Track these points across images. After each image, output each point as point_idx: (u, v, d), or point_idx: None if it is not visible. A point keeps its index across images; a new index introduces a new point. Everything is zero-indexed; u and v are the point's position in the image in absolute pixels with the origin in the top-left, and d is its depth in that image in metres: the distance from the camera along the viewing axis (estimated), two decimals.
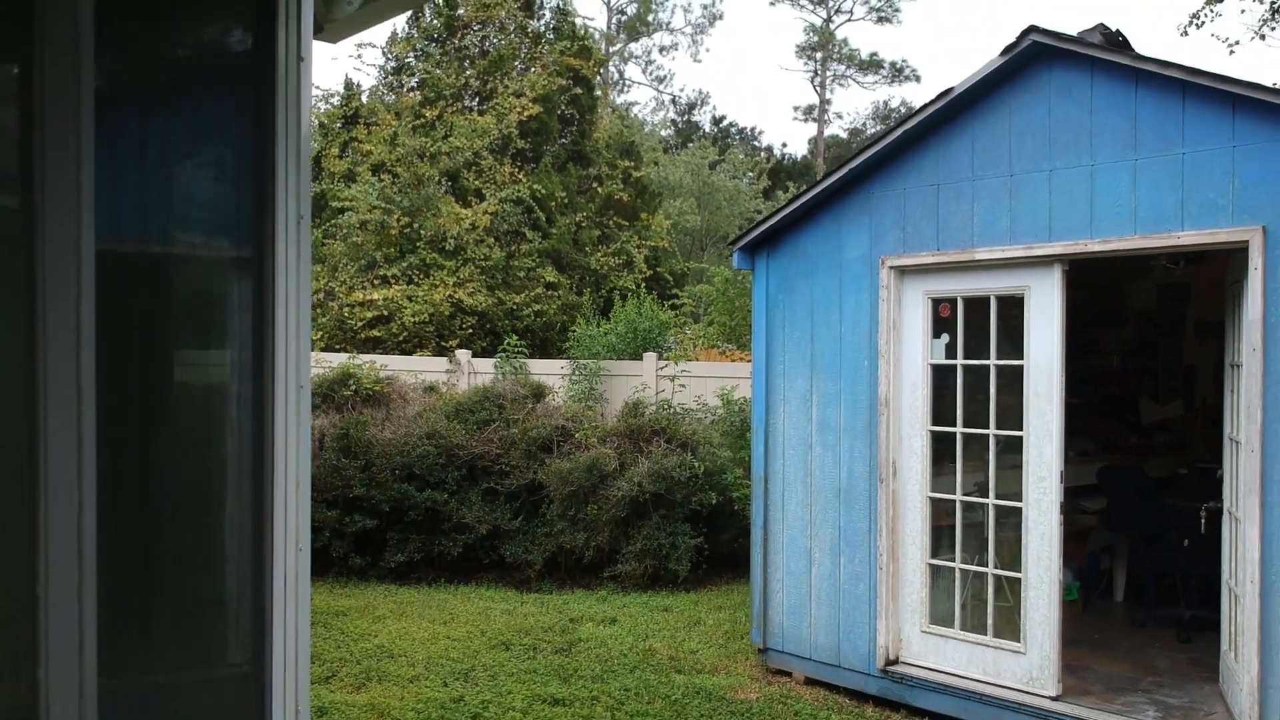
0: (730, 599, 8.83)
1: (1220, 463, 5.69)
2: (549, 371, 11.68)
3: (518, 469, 9.67)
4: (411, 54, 21.19)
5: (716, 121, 55.36)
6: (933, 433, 6.06)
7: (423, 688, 6.26)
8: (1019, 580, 5.70)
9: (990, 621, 5.84)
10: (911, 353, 6.13)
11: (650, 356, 11.53)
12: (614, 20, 54.88)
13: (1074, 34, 5.46)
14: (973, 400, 5.91)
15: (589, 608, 8.48)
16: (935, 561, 6.09)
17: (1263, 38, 17.20)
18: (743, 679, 6.69)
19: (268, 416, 2.22)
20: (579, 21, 22.68)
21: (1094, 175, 5.32)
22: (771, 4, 62.38)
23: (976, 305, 5.87)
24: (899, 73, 55.54)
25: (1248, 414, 4.84)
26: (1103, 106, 5.29)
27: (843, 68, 56.56)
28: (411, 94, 20.27)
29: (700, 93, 61.02)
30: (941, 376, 6.05)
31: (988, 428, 5.81)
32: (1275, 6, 8.04)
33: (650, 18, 56.23)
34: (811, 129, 56.06)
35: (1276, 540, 4.72)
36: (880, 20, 54.55)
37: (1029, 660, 5.64)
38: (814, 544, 6.59)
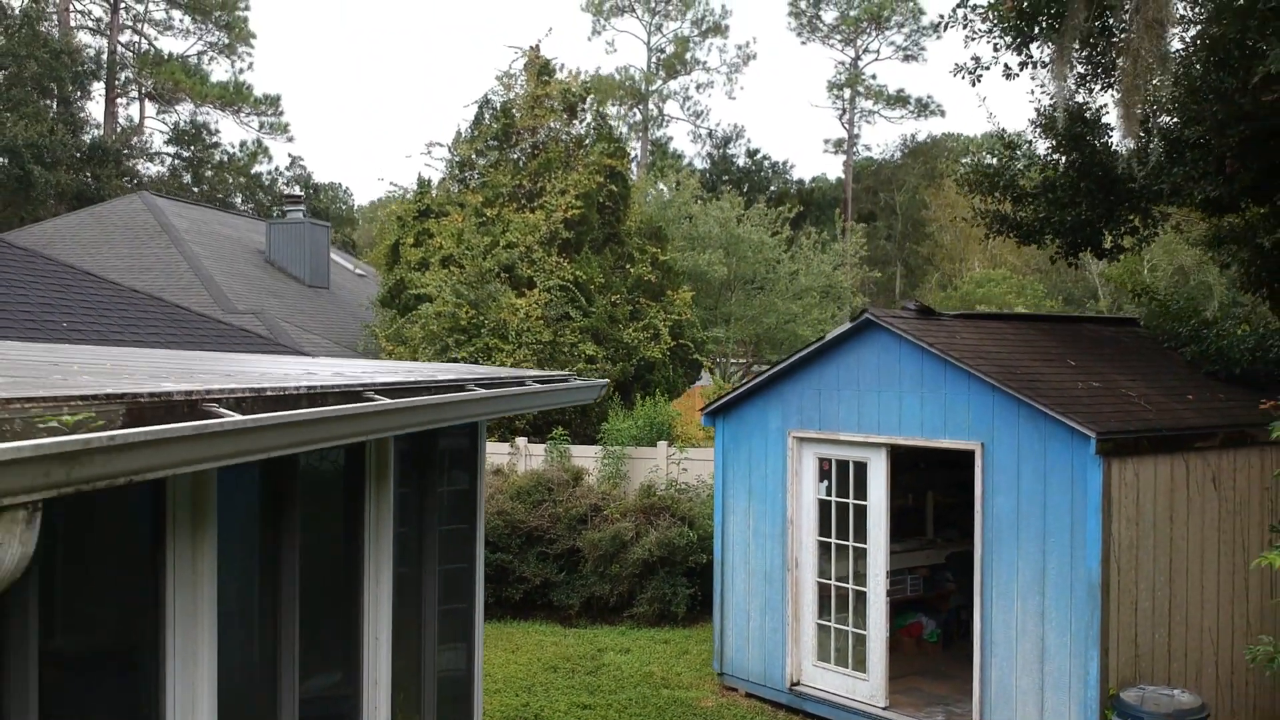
0: (711, 635, 12.52)
1: None
2: (586, 455, 15.43)
3: (562, 537, 13.46)
4: (474, 153, 25.10)
5: (750, 154, 58.91)
6: (820, 541, 9.73)
7: (502, 698, 10.05)
8: (865, 635, 9.35)
9: (850, 659, 9.50)
10: (807, 490, 9.80)
11: (662, 444, 15.25)
12: (653, 59, 58.69)
13: (895, 312, 9.12)
14: (841, 522, 9.57)
15: (612, 640, 12.24)
16: (821, 622, 9.75)
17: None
18: (706, 693, 10.41)
19: (478, 539, 6.01)
20: (614, 121, 26.41)
21: (901, 398, 8.96)
22: (803, 44, 65.63)
23: (842, 465, 9.53)
24: (925, 108, 58.78)
25: (976, 549, 8.47)
26: (905, 359, 8.93)
27: (871, 103, 59.91)
28: (475, 192, 24.12)
29: (735, 127, 64.63)
30: (824, 507, 9.71)
31: (849, 540, 9.47)
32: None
33: (688, 56, 59.94)
34: (841, 161, 59.43)
35: (988, 623, 8.34)
36: (907, 58, 57.92)
37: (870, 684, 9.29)
38: (750, 607, 10.28)
